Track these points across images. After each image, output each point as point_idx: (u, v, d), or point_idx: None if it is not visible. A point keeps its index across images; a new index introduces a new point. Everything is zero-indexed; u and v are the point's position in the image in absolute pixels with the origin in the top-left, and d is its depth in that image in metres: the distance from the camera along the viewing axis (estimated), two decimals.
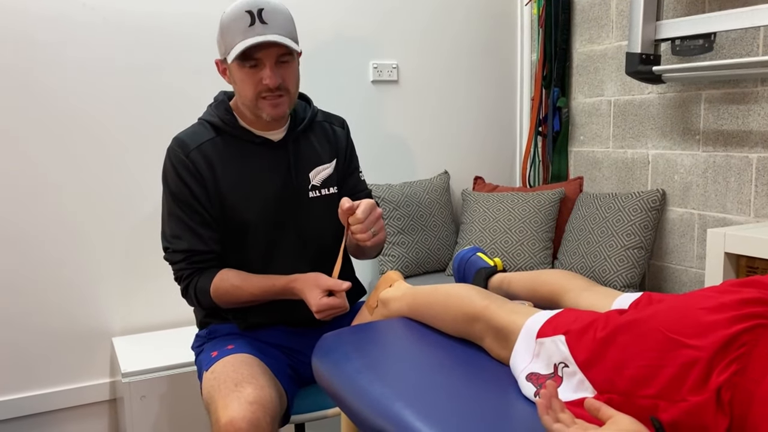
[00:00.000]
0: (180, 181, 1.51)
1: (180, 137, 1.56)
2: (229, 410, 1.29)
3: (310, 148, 1.63)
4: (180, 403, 2.05)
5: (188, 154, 1.52)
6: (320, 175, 1.63)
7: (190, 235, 1.52)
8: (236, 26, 1.44)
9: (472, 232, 2.64)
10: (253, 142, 1.56)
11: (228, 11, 1.47)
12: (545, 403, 0.82)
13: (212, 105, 1.62)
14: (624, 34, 2.55)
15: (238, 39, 1.43)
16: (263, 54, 1.45)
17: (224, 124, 1.55)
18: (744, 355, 0.79)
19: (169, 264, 1.57)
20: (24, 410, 2.18)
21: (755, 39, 2.13)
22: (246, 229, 1.55)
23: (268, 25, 1.43)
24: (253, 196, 1.54)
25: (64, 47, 2.15)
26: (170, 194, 1.53)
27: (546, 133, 2.88)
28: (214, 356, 1.49)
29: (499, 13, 2.95)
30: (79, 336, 2.24)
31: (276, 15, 1.46)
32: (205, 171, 1.52)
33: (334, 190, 1.65)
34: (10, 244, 2.13)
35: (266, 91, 1.47)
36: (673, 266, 2.45)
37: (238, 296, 1.51)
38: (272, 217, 1.56)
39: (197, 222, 1.52)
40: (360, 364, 1.16)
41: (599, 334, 0.93)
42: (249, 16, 1.43)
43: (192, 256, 1.53)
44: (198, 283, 1.53)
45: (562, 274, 1.39)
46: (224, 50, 1.48)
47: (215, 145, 1.54)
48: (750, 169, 2.17)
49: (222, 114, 1.56)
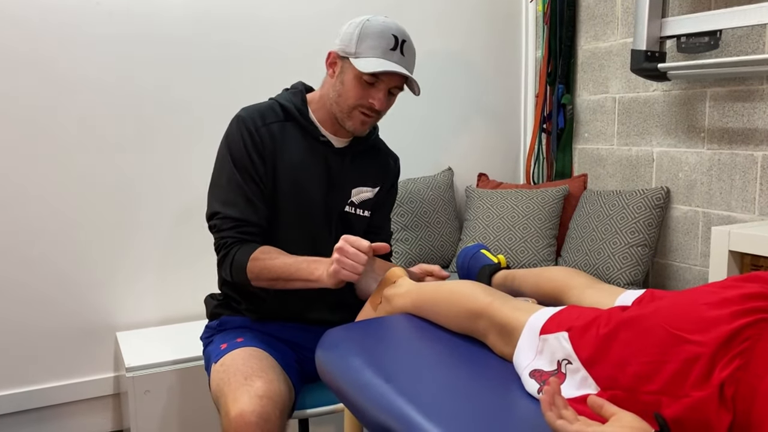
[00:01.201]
0: (245, 149, 1.51)
1: (252, 110, 1.56)
2: (239, 403, 1.30)
3: (362, 168, 1.65)
4: (184, 397, 2.06)
5: (257, 128, 1.52)
6: (360, 195, 1.65)
7: (244, 203, 1.51)
8: (379, 42, 1.48)
9: (476, 229, 2.64)
10: (317, 139, 1.58)
11: (374, 23, 1.50)
12: (548, 400, 0.82)
13: (289, 91, 1.63)
14: (629, 31, 2.55)
15: (376, 55, 1.47)
16: (387, 79, 1.49)
17: (297, 112, 1.56)
18: (747, 350, 0.79)
19: (214, 231, 1.53)
20: (28, 404, 2.19)
21: (761, 37, 2.12)
22: (279, 214, 1.55)
23: (405, 57, 1.51)
24: (299, 188, 1.55)
25: (71, 41, 2.15)
26: (232, 160, 1.52)
27: (550, 130, 2.88)
28: (223, 348, 1.49)
29: (504, 10, 2.94)
30: (83, 330, 2.25)
31: (412, 52, 1.54)
32: (270, 148, 1.52)
33: (367, 214, 1.67)
34: (13, 239, 2.14)
35: (367, 108, 1.51)
36: (677, 264, 2.45)
37: (270, 272, 1.45)
38: (307, 215, 1.57)
39: (254, 193, 1.51)
40: (363, 359, 1.16)
41: (602, 330, 0.93)
42: (394, 40, 1.49)
43: (241, 226, 1.50)
44: (237, 254, 1.49)
45: (566, 272, 1.39)
46: (353, 51, 1.49)
47: (282, 129, 1.55)
48: (755, 167, 2.16)
49: (298, 103, 1.58)
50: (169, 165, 2.33)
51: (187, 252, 2.36)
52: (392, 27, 1.51)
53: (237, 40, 2.40)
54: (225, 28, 2.37)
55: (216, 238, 1.54)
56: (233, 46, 2.40)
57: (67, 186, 2.19)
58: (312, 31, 2.53)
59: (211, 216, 1.54)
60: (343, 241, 1.36)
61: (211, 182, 1.57)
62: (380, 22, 1.51)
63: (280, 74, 2.43)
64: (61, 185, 2.18)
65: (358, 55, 1.48)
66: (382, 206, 1.74)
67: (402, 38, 1.51)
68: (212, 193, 1.56)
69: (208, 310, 1.67)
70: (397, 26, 1.52)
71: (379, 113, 1.55)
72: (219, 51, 2.37)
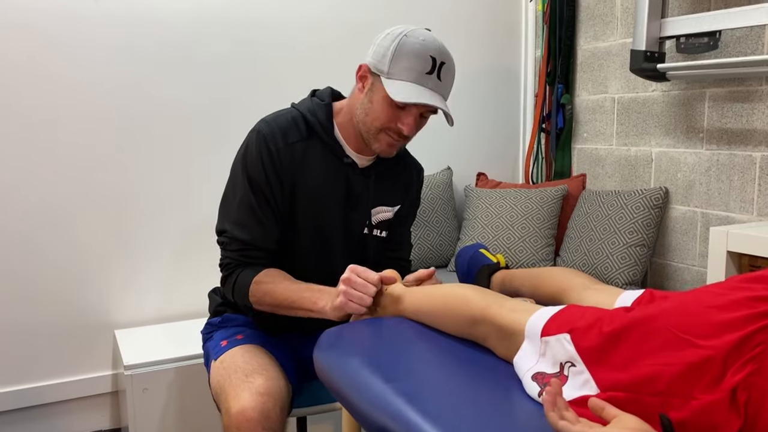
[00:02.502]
0: (262, 169, 1.43)
1: (273, 126, 1.45)
2: (240, 400, 1.30)
3: (385, 187, 1.58)
4: (182, 395, 2.06)
5: (278, 149, 1.43)
6: (379, 215, 1.58)
7: (255, 226, 1.44)
8: (415, 63, 1.36)
9: (475, 229, 2.64)
10: (340, 159, 1.50)
11: (412, 40, 1.37)
12: (551, 400, 0.82)
13: (314, 101, 1.52)
14: (629, 32, 2.55)
15: (410, 79, 1.36)
16: (418, 105, 1.39)
17: (320, 128, 1.48)
18: (760, 355, 0.78)
19: (221, 247, 1.49)
20: (26, 401, 2.19)
21: (760, 38, 2.12)
22: (296, 235, 1.50)
23: (441, 83, 1.39)
24: (319, 212, 1.49)
25: (70, 40, 2.15)
26: (248, 181, 1.44)
27: (549, 129, 2.88)
28: (223, 345, 1.49)
29: (503, 10, 2.94)
30: (82, 328, 2.25)
31: (449, 75, 1.42)
32: (290, 170, 1.45)
33: (383, 234, 1.61)
34: (12, 236, 2.13)
35: (394, 132, 1.43)
36: (676, 264, 2.45)
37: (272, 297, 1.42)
38: (325, 238, 1.52)
39: (267, 216, 1.45)
40: (361, 359, 1.16)
41: (605, 329, 0.92)
42: (432, 63, 1.37)
43: (248, 250, 1.45)
44: (240, 276, 1.45)
45: (565, 272, 1.38)
46: (385, 70, 1.38)
47: (305, 149, 1.47)
48: (753, 167, 2.17)
49: (323, 118, 1.48)
50: (169, 163, 2.33)
51: (186, 250, 2.36)
52: (431, 47, 1.37)
53: (247, 47, 2.40)
54: (232, 35, 2.37)
55: (222, 255, 1.50)
56: (240, 52, 2.39)
57: (66, 184, 2.19)
58: (318, 33, 2.52)
59: (219, 232, 1.50)
60: (350, 271, 1.30)
61: (223, 196, 1.51)
62: (419, 41, 1.37)
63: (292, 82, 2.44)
64: (60, 184, 2.18)
65: (391, 76, 1.37)
66: (403, 222, 1.68)
67: (441, 60, 1.38)
68: (224, 209, 1.50)
69: (212, 305, 1.66)
70: (436, 45, 1.38)
71: (407, 137, 1.46)
72: (223, 55, 2.37)
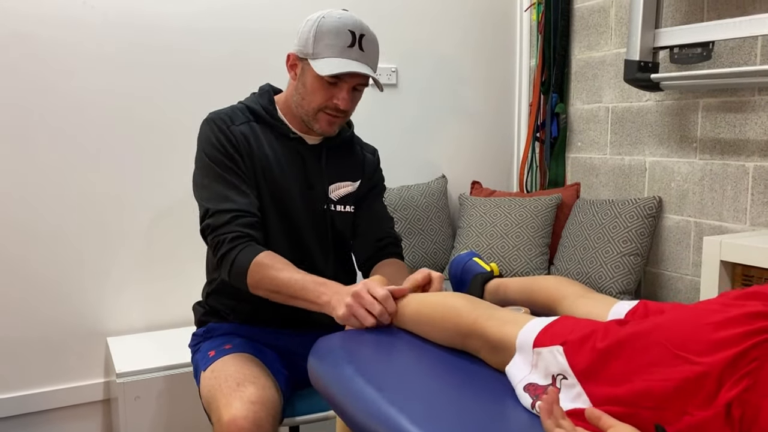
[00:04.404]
0: (220, 146, 1.48)
1: (218, 113, 1.53)
2: (231, 409, 1.29)
3: (339, 164, 1.62)
4: (174, 403, 2.05)
5: (229, 127, 1.50)
6: (339, 191, 1.62)
7: (236, 194, 1.45)
8: (335, 40, 1.43)
9: (469, 237, 2.64)
10: (288, 137, 1.56)
11: (329, 20, 1.44)
12: (547, 408, 0.82)
13: (256, 94, 1.61)
14: (623, 42, 2.56)
15: (334, 54, 1.43)
16: (349, 78, 1.45)
17: (265, 113, 1.55)
18: (754, 371, 0.78)
19: (209, 231, 1.44)
20: (17, 409, 2.17)
21: (753, 48, 2.13)
22: (266, 217, 1.52)
23: (364, 53, 1.45)
24: (275, 187, 1.53)
25: (65, 45, 2.15)
26: (211, 159, 1.48)
27: (544, 138, 2.89)
28: (211, 356, 1.48)
29: (498, 19, 2.95)
30: (74, 335, 2.24)
31: (372, 45, 1.47)
32: (244, 146, 1.50)
33: (350, 209, 1.64)
34: (4, 244, 2.12)
35: (332, 109, 1.48)
36: (669, 273, 2.46)
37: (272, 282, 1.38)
38: (288, 214, 1.55)
39: (242, 183, 1.48)
40: (356, 367, 1.16)
41: (599, 344, 0.91)
42: (351, 36, 1.43)
43: (240, 217, 1.43)
44: (239, 255, 1.40)
45: (558, 281, 1.38)
46: (310, 52, 1.45)
47: (252, 129, 1.53)
48: (746, 177, 2.18)
49: (265, 103, 1.56)
50: (158, 173, 2.32)
51: (178, 258, 2.36)
52: (348, 22, 1.44)
53: (221, 47, 2.40)
54: (214, 37, 2.38)
55: (212, 238, 1.44)
56: (213, 53, 2.40)
57: (56, 193, 2.18)
58: None
59: (203, 217, 1.46)
60: (363, 285, 1.29)
61: (193, 187, 1.52)
62: (336, 18, 1.44)
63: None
64: (50, 193, 2.17)
65: (316, 56, 1.44)
66: (374, 197, 1.70)
67: (360, 32, 1.45)
68: (199, 195, 1.50)
69: (196, 317, 1.66)
70: (353, 20, 1.46)
71: (345, 112, 1.51)
72: (201, 58, 2.37)
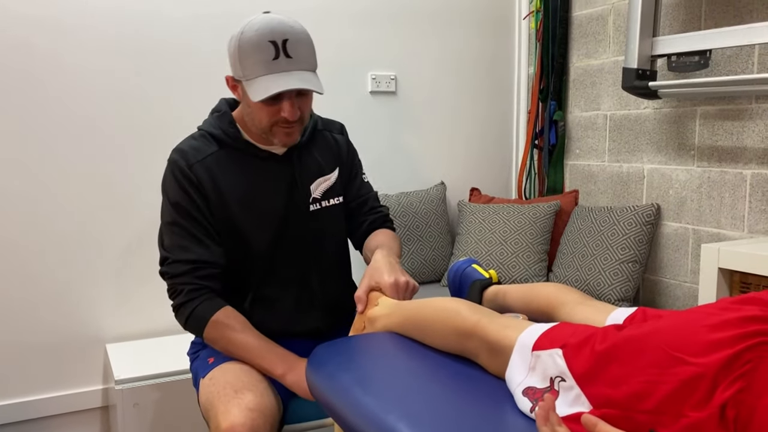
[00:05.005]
0: (183, 192, 1.45)
1: (182, 149, 1.49)
2: (229, 416, 1.29)
3: (313, 160, 1.60)
4: (173, 410, 2.05)
5: (191, 167, 1.46)
6: (321, 186, 1.59)
7: (196, 245, 1.45)
8: (259, 56, 1.34)
9: (468, 243, 2.65)
10: (257, 156, 1.51)
11: (247, 36, 1.35)
12: (543, 415, 0.83)
13: (214, 115, 1.55)
14: (621, 50, 2.57)
15: (261, 72, 1.35)
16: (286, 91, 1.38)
17: (227, 137, 1.50)
18: (748, 373, 0.79)
19: (167, 278, 1.47)
20: (16, 416, 2.16)
21: (750, 57, 2.15)
22: (247, 242, 1.51)
23: (292, 59, 1.36)
24: (257, 210, 1.51)
25: (62, 51, 2.15)
26: (172, 206, 1.46)
27: (542, 145, 2.89)
28: (210, 363, 1.48)
29: (497, 27, 2.97)
30: (73, 342, 2.24)
31: (300, 46, 1.37)
32: (209, 185, 1.46)
33: (337, 201, 1.62)
34: (2, 251, 2.12)
35: (282, 123, 1.43)
36: (667, 280, 2.46)
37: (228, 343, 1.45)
38: (274, 231, 1.53)
39: (202, 233, 1.46)
40: (354, 375, 1.16)
41: (597, 348, 0.92)
42: (273, 48, 1.34)
43: (198, 269, 1.44)
44: (197, 309, 1.44)
45: (557, 288, 1.39)
46: (241, 74, 1.39)
47: (218, 160, 1.49)
48: (744, 185, 2.18)
49: (225, 127, 1.50)
50: (160, 180, 2.32)
51: None
52: (266, 32, 1.34)
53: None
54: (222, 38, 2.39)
55: (169, 285, 1.47)
56: None
57: (55, 200, 2.18)
58: None
59: (162, 261, 1.48)
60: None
61: (159, 231, 1.51)
62: (254, 31, 1.34)
63: None
64: (50, 200, 2.18)
65: (247, 77, 1.37)
66: (354, 178, 1.69)
67: (282, 39, 1.34)
68: (159, 239, 1.50)
69: None
70: (271, 27, 1.34)
71: (299, 120, 1.44)
72: (203, 62, 2.38)
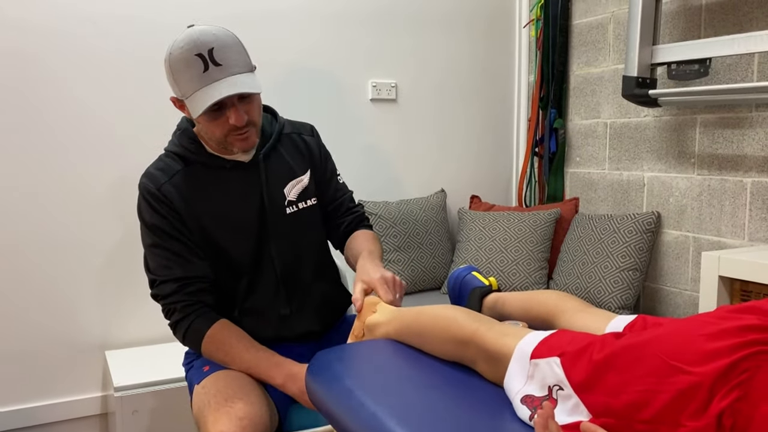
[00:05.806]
0: (157, 214, 1.47)
1: (149, 172, 1.51)
2: (219, 425, 1.29)
3: (283, 163, 1.59)
4: (172, 418, 2.04)
5: (160, 188, 1.47)
6: (295, 189, 1.59)
7: (180, 263, 1.46)
8: (190, 72, 1.36)
9: (468, 251, 2.64)
10: (224, 168, 1.51)
11: (175, 54, 1.37)
12: (542, 423, 0.82)
13: (176, 134, 1.56)
14: (621, 58, 2.58)
15: (195, 86, 1.36)
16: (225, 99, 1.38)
17: (191, 154, 1.50)
18: (746, 382, 0.79)
19: (159, 300, 1.49)
20: (15, 423, 2.16)
21: (750, 65, 2.15)
22: (228, 254, 1.52)
23: (222, 66, 1.36)
24: (232, 221, 1.51)
25: (62, 60, 2.16)
26: (149, 229, 1.48)
27: (542, 153, 2.90)
28: (205, 371, 1.48)
29: (497, 35, 2.97)
30: (72, 349, 2.23)
31: (227, 52, 1.38)
32: (180, 203, 1.47)
33: (312, 202, 1.62)
34: (2, 257, 2.12)
35: (234, 130, 1.43)
36: (668, 288, 2.46)
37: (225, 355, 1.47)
38: (253, 240, 1.54)
39: (184, 250, 1.47)
40: (353, 382, 1.16)
41: (596, 356, 0.92)
42: (201, 61, 1.35)
43: (186, 285, 1.46)
44: (193, 324, 1.47)
45: (557, 295, 1.38)
46: (180, 93, 1.41)
47: (186, 177, 1.49)
48: (744, 193, 2.18)
49: (187, 143, 1.51)
50: None
51: None
52: (191, 46, 1.35)
53: None
54: None
55: (163, 306, 1.50)
56: None
57: (54, 205, 2.18)
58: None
59: (151, 284, 1.50)
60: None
61: (143, 255, 1.52)
62: (180, 49, 1.36)
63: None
64: (48, 204, 2.18)
65: (186, 95, 1.39)
66: (329, 180, 1.69)
67: (207, 49, 1.35)
68: (144, 264, 1.52)
69: None
70: (194, 40, 1.36)
71: (251, 123, 1.44)
72: None
